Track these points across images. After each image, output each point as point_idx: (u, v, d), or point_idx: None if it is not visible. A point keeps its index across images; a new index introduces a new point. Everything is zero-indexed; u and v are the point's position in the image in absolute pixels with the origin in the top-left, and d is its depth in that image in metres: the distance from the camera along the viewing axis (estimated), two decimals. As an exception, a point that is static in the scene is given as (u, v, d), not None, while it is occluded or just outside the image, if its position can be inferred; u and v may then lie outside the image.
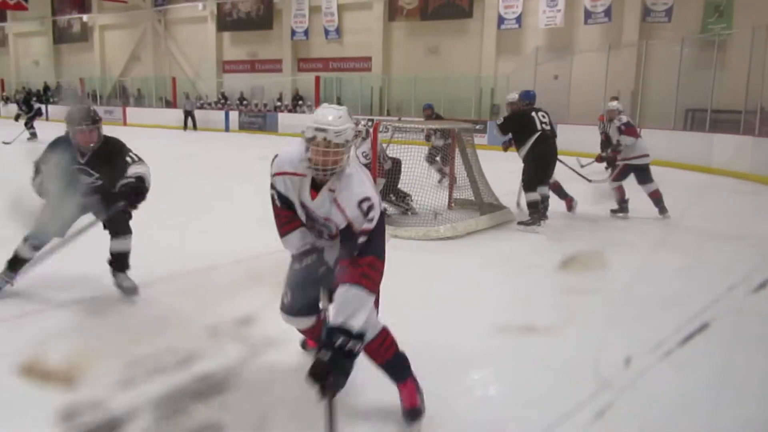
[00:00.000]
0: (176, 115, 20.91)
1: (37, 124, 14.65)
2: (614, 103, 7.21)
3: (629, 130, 6.74)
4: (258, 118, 20.38)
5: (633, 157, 6.75)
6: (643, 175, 6.78)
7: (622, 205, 6.85)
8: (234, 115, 20.69)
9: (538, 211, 6.14)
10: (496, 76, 17.43)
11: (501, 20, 17.30)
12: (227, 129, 20.48)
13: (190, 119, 20.42)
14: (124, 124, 22.48)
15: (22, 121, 14.61)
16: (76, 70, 26.94)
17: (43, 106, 16.80)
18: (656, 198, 6.77)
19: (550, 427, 2.46)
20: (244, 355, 2.99)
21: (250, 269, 4.39)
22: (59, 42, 28.58)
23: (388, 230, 5.81)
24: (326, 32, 20.75)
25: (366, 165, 6.57)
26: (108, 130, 3.67)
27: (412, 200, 6.71)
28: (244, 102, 21.95)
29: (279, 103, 21.26)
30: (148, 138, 18.92)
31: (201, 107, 21.91)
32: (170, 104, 23.01)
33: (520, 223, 6.18)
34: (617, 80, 14.47)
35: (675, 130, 12.89)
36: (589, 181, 7.23)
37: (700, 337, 3.40)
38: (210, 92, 23.47)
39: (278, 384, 2.73)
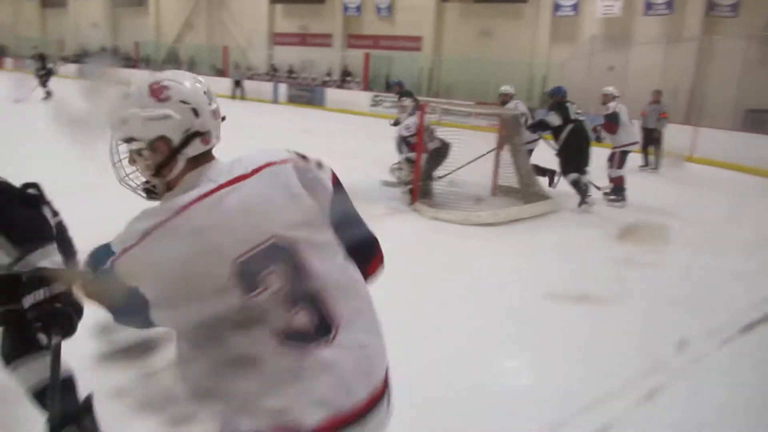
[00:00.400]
0: (227, 83, 21.16)
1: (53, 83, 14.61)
2: (609, 88, 7.35)
3: (609, 125, 7.07)
4: (306, 92, 20.47)
5: (628, 144, 7.16)
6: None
7: (622, 193, 7.05)
8: (283, 88, 20.82)
9: (581, 187, 6.55)
10: (549, 63, 17.04)
11: (557, 6, 16.88)
12: (275, 101, 20.62)
13: (238, 89, 20.68)
14: (176, 90, 22.76)
15: (37, 78, 14.54)
16: (132, 34, 27.55)
17: (54, 65, 16.80)
18: (618, 185, 7.10)
19: (593, 404, 2.49)
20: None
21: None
22: (117, 5, 29.15)
23: (429, 212, 5.85)
24: (378, 9, 20.60)
25: (408, 138, 6.53)
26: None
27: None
28: (293, 75, 22.07)
29: (327, 78, 21.30)
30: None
31: (251, 78, 22.10)
32: (221, 73, 23.29)
33: (581, 203, 6.53)
34: (675, 75, 13.98)
35: (734, 130, 12.39)
36: (598, 188, 7.10)
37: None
38: (260, 63, 23.65)
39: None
